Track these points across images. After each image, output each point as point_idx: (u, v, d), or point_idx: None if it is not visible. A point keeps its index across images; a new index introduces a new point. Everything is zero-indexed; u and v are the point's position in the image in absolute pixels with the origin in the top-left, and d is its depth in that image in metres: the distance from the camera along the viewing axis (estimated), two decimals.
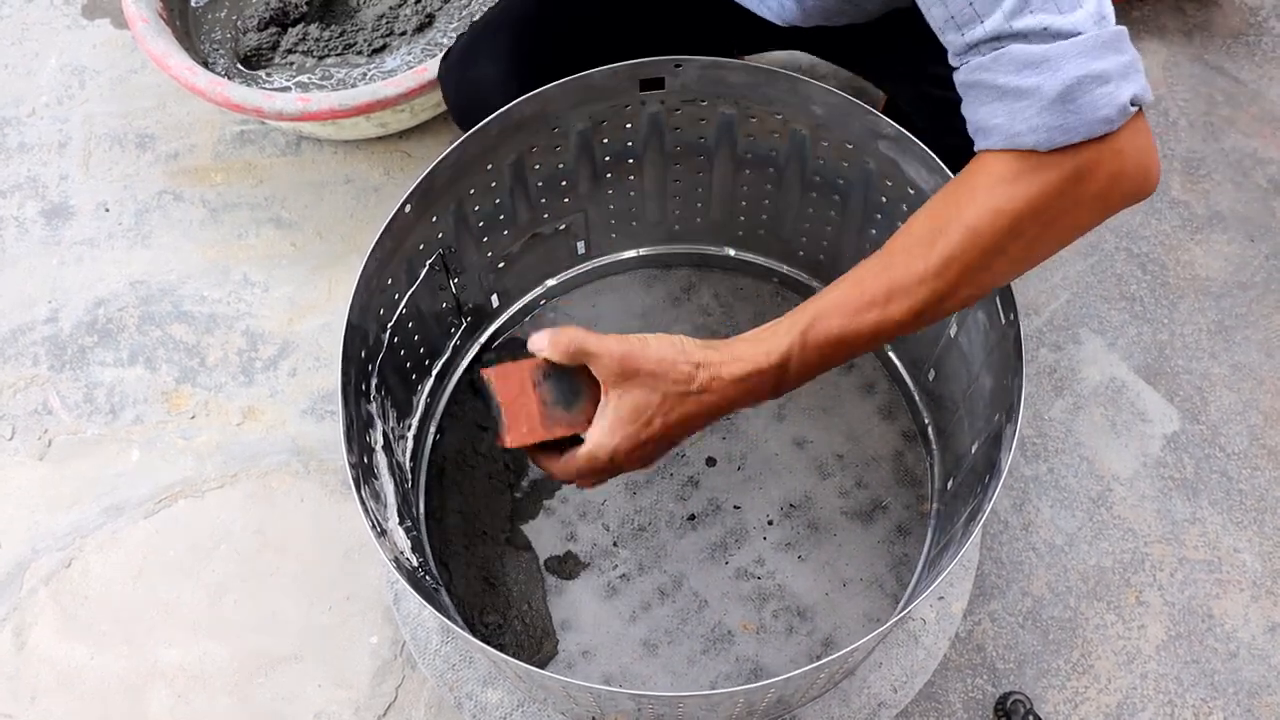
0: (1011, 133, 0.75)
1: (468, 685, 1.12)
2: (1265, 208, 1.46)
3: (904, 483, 1.24)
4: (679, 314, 1.34)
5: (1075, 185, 0.75)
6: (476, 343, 1.30)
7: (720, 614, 1.17)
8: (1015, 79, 0.74)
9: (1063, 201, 0.76)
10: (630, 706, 0.97)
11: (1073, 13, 0.74)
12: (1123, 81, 0.73)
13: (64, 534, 1.29)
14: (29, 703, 1.21)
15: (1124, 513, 1.28)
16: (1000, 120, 0.76)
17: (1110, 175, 0.75)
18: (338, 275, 1.44)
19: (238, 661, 1.22)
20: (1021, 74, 0.74)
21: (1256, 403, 1.34)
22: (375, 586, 1.24)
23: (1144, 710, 1.18)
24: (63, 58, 1.62)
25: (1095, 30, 0.74)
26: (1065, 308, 1.40)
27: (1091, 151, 0.74)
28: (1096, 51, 0.73)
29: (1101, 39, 0.74)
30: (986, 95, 0.76)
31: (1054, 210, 0.76)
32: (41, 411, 1.37)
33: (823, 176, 1.17)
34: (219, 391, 1.37)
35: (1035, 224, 0.76)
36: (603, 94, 1.11)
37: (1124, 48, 0.75)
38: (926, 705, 1.18)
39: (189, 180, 1.51)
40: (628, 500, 1.23)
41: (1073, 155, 0.74)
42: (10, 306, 1.43)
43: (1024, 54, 0.74)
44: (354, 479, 0.94)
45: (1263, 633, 1.22)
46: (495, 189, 1.14)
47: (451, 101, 1.14)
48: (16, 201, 1.51)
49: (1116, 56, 0.74)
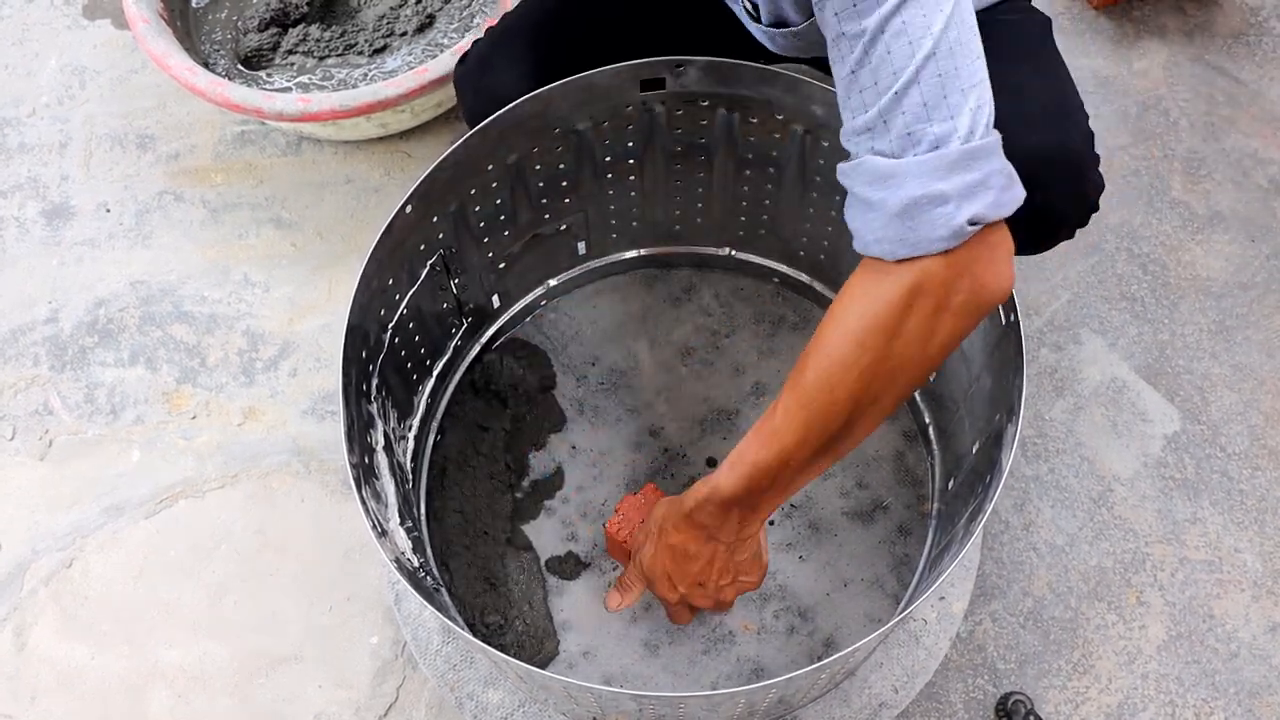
0: (866, 240, 0.78)
1: (469, 686, 1.12)
2: (1266, 208, 1.46)
3: (905, 483, 1.24)
4: (679, 314, 1.34)
5: (914, 297, 0.76)
6: (477, 343, 1.30)
7: (721, 614, 1.17)
8: (868, 190, 0.77)
9: (903, 313, 0.77)
10: (631, 707, 0.97)
11: (942, 124, 0.73)
12: (963, 202, 0.73)
13: (64, 534, 1.29)
14: (29, 703, 1.21)
15: (1125, 513, 1.28)
16: (859, 225, 0.78)
17: (946, 289, 0.76)
18: (338, 275, 1.44)
19: (238, 662, 1.22)
20: (872, 186, 0.76)
21: (1257, 403, 1.34)
22: (376, 587, 1.24)
23: (1145, 710, 1.18)
24: (63, 58, 1.62)
25: (957, 146, 0.73)
26: (1066, 308, 1.40)
27: (932, 264, 0.75)
28: (941, 172, 0.73)
29: (948, 158, 0.73)
30: (851, 199, 0.79)
31: (894, 321, 0.77)
32: (42, 412, 1.37)
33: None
34: (219, 392, 1.37)
35: (878, 335, 0.78)
36: (603, 94, 1.11)
37: (975, 166, 0.74)
38: (927, 705, 1.18)
39: (189, 180, 1.51)
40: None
41: (912, 267, 0.76)
42: (11, 307, 1.43)
43: (875, 168, 0.76)
44: (355, 479, 0.94)
45: (1263, 633, 1.22)
46: (496, 189, 1.14)
47: (468, 106, 1.14)
48: (17, 202, 1.51)
49: (963, 175, 0.73)
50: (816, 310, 1.34)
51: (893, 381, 0.80)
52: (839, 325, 0.80)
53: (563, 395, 1.29)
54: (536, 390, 1.28)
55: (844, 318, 0.79)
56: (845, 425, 0.82)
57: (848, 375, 0.79)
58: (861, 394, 0.80)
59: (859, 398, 0.81)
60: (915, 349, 0.79)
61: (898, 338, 0.78)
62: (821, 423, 0.82)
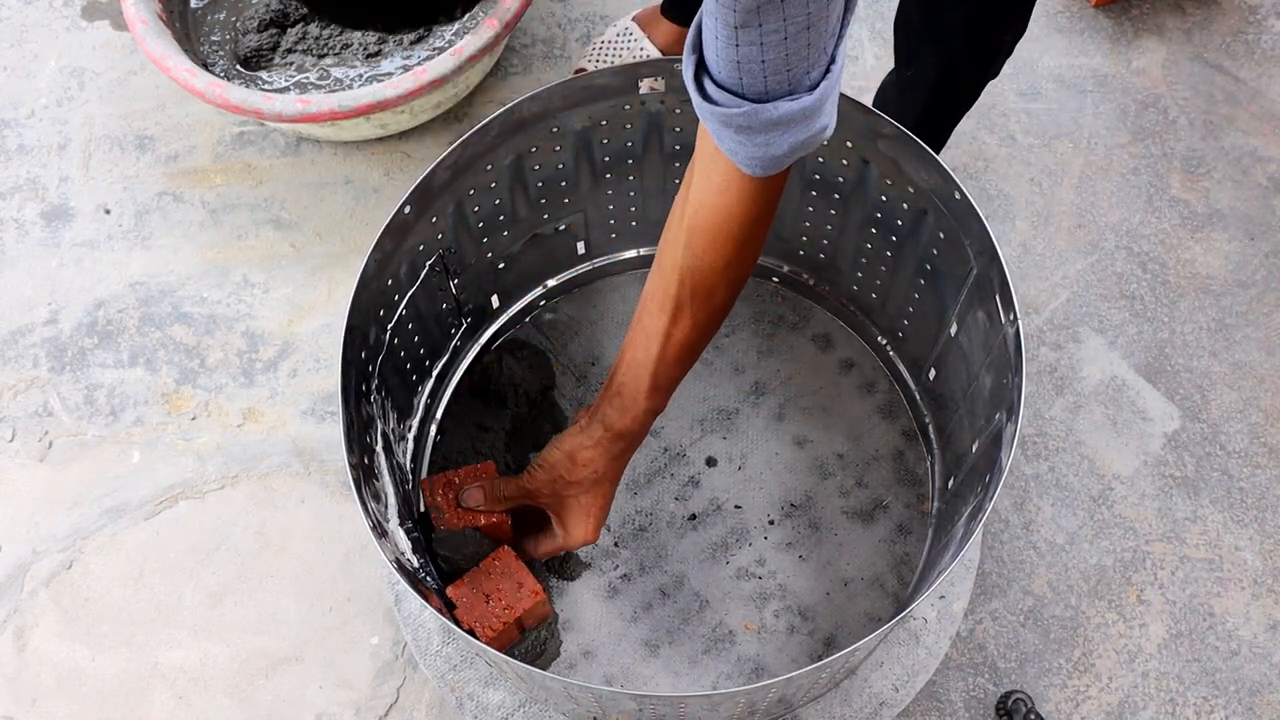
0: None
1: (469, 686, 1.12)
2: (1265, 206, 1.46)
3: (905, 482, 1.24)
4: None
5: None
6: (477, 343, 1.30)
7: (721, 614, 1.17)
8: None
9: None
10: (632, 707, 0.97)
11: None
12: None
13: (65, 536, 1.29)
14: (30, 705, 1.21)
15: (1125, 511, 1.28)
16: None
17: None
18: (338, 276, 1.44)
19: (238, 663, 1.22)
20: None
21: (1257, 401, 1.34)
22: (376, 587, 1.24)
23: (1145, 709, 1.18)
24: (62, 59, 1.62)
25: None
26: (1065, 307, 1.40)
27: None
28: None
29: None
30: None
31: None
32: (42, 413, 1.37)
33: (823, 176, 1.17)
34: (219, 393, 1.37)
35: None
36: (603, 94, 1.11)
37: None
38: (928, 704, 1.18)
39: (189, 182, 1.51)
40: (628, 500, 1.23)
41: None
42: (10, 308, 1.43)
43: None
44: (354, 480, 0.94)
45: (1264, 631, 1.22)
46: (495, 189, 1.14)
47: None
48: (16, 203, 1.51)
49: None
50: (817, 310, 1.34)
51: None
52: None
53: (563, 395, 1.29)
54: (536, 390, 1.28)
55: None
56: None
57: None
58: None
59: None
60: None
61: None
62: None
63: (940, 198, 1.06)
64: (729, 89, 0.77)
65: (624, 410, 1.00)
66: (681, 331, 0.96)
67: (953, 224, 1.06)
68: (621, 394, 1.00)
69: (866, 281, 1.25)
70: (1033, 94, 1.54)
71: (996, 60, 1.18)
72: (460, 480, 1.12)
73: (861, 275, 1.25)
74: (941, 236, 1.09)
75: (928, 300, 1.17)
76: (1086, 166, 1.49)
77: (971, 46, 1.14)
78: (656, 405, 1.01)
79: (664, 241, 0.95)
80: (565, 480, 1.05)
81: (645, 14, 1.52)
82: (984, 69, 1.19)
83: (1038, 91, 1.54)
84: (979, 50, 1.15)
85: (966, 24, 1.11)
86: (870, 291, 1.26)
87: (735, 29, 0.72)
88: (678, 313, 0.94)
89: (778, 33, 0.71)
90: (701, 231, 0.90)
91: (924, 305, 1.18)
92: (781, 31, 0.71)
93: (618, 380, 1.00)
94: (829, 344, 1.32)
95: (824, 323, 1.33)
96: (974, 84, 1.22)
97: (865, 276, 1.25)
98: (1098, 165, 1.49)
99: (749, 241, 0.91)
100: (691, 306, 0.94)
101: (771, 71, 0.74)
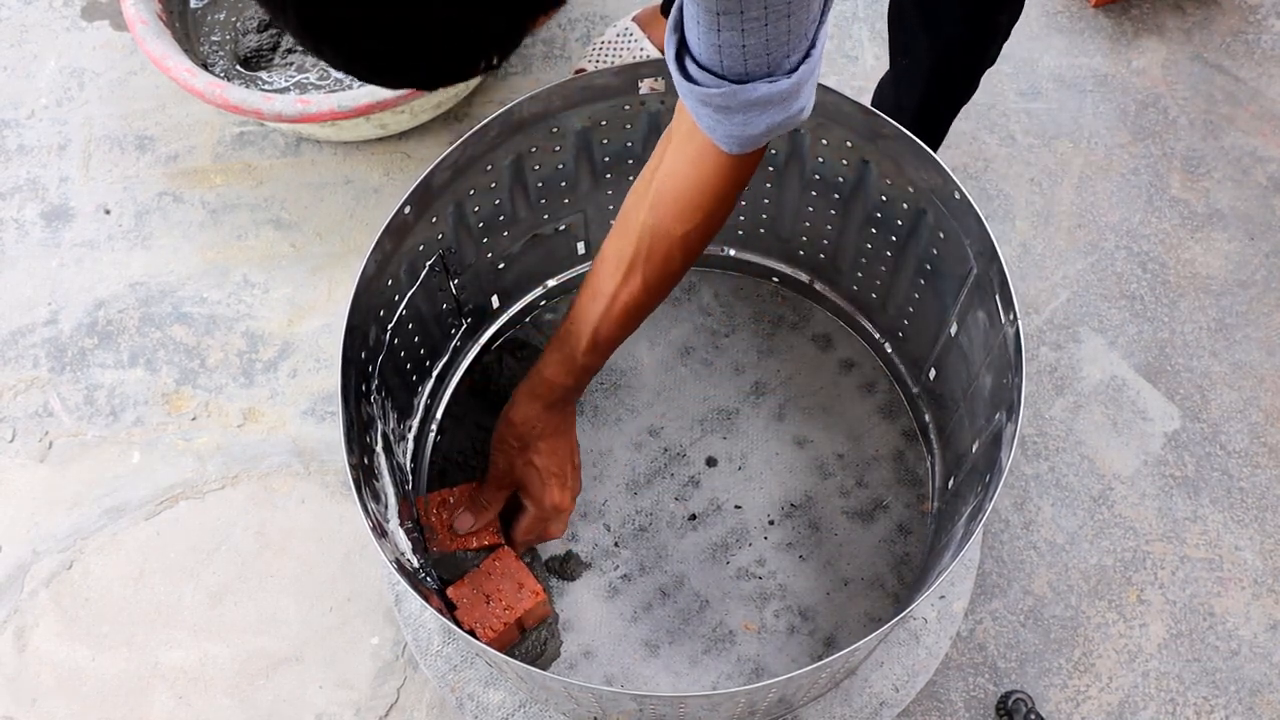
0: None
1: (469, 686, 1.12)
2: (1265, 205, 1.46)
3: (905, 482, 1.24)
4: (679, 314, 1.34)
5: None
6: (477, 344, 1.30)
7: (721, 614, 1.17)
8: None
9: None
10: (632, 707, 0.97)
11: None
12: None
13: (65, 536, 1.29)
14: (30, 705, 1.21)
15: (1125, 511, 1.28)
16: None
17: None
18: (337, 276, 1.44)
19: (239, 663, 1.22)
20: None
21: (1257, 401, 1.34)
22: (376, 587, 1.24)
23: (1145, 709, 1.18)
24: (62, 60, 1.62)
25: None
26: (1065, 306, 1.40)
27: None
28: None
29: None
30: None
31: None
32: (42, 414, 1.37)
33: (823, 176, 1.17)
34: (219, 393, 1.37)
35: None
36: (602, 94, 1.11)
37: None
38: (928, 704, 1.18)
39: (189, 182, 1.51)
40: (628, 500, 1.23)
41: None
42: (10, 309, 1.43)
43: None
44: (354, 480, 0.94)
45: (1264, 630, 1.22)
46: (495, 190, 1.14)
47: None
48: (16, 203, 1.51)
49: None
50: (817, 310, 1.34)
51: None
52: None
53: None
54: None
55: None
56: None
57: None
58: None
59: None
60: None
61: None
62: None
63: (940, 197, 1.06)
64: (709, 70, 0.78)
65: (560, 363, 1.04)
66: (629, 292, 0.98)
67: (953, 224, 1.06)
68: (561, 348, 1.04)
69: (866, 281, 1.25)
70: (1033, 94, 1.54)
71: (992, 45, 1.18)
72: (455, 500, 1.14)
73: (861, 275, 1.25)
74: (941, 236, 1.09)
75: (928, 300, 1.17)
76: (1086, 166, 1.49)
77: (968, 30, 1.14)
78: (592, 363, 1.04)
79: (627, 205, 0.97)
80: (515, 449, 1.09)
81: (645, 14, 1.52)
82: (980, 55, 1.19)
83: (1038, 91, 1.54)
84: (975, 34, 1.15)
85: (962, 6, 1.11)
86: (870, 291, 1.26)
87: (717, 15, 0.73)
88: (630, 273, 0.97)
89: (759, 19, 0.73)
90: (669, 197, 0.93)
91: (924, 305, 1.18)
92: (763, 19, 0.73)
93: (561, 334, 1.04)
94: (829, 344, 1.32)
95: (824, 323, 1.33)
96: (970, 72, 1.21)
97: (865, 276, 1.25)
98: (1098, 165, 1.49)
99: (714, 213, 0.93)
100: (645, 268, 0.97)
101: (752, 55, 0.76)
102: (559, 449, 1.10)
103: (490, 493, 1.12)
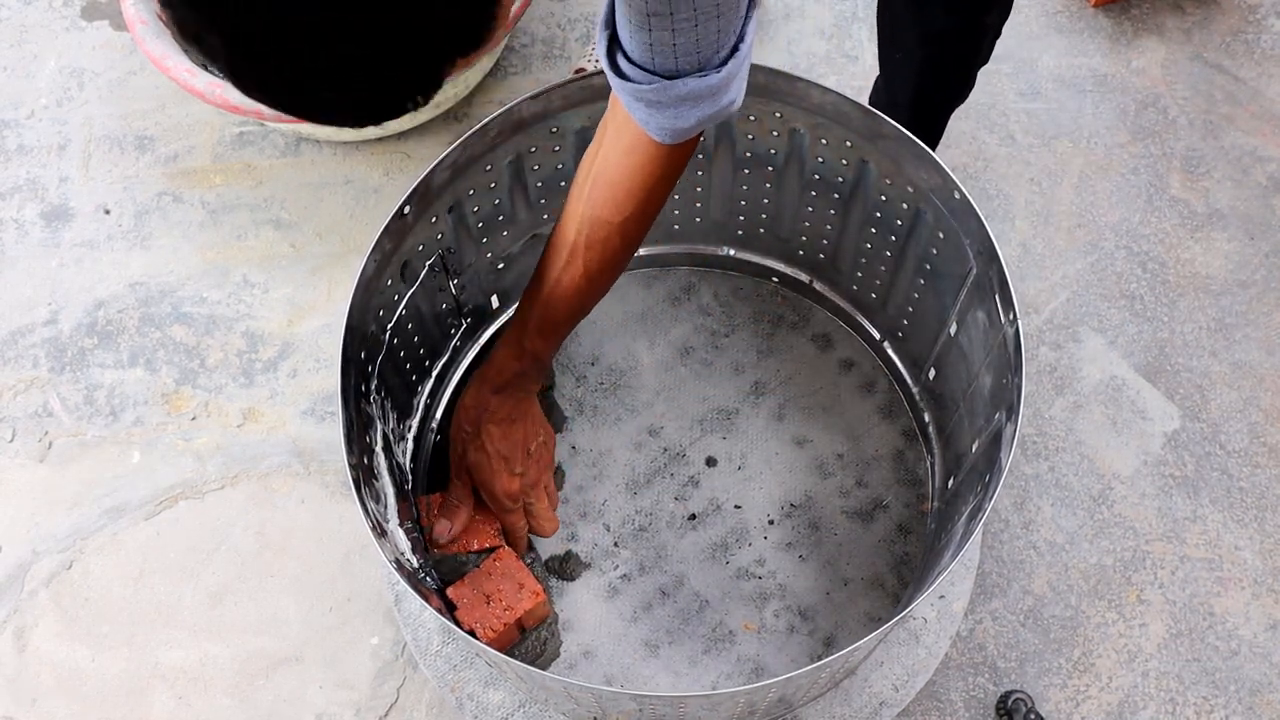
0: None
1: (469, 686, 1.12)
2: (1265, 205, 1.46)
3: (904, 482, 1.24)
4: (679, 314, 1.34)
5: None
6: (477, 344, 1.30)
7: (721, 614, 1.17)
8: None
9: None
10: (632, 707, 0.97)
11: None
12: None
13: (65, 536, 1.29)
14: (30, 705, 1.21)
15: (1125, 511, 1.28)
16: None
17: None
18: (337, 276, 1.44)
19: (239, 663, 1.22)
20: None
21: (1257, 400, 1.34)
22: (376, 587, 1.24)
23: (1145, 708, 1.18)
24: (62, 60, 1.62)
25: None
26: (1065, 306, 1.40)
27: None
28: None
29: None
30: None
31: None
32: (42, 414, 1.37)
33: (822, 176, 1.17)
34: (219, 393, 1.37)
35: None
36: (602, 94, 1.11)
37: None
38: (928, 704, 1.18)
39: (188, 182, 1.51)
40: (628, 500, 1.23)
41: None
42: (10, 309, 1.43)
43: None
44: (354, 480, 0.94)
45: (1264, 630, 1.22)
46: (494, 189, 1.14)
47: None
48: (16, 204, 1.51)
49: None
50: (817, 310, 1.34)
51: None
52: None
53: (562, 395, 1.29)
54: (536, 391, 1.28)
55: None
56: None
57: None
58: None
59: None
60: None
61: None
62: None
63: (940, 197, 1.06)
64: (641, 66, 0.80)
65: (507, 346, 1.06)
66: (571, 278, 1.00)
67: (952, 224, 1.06)
68: (510, 333, 1.06)
69: (866, 281, 1.25)
70: (1032, 94, 1.54)
71: (983, 42, 1.18)
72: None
73: (861, 275, 1.25)
74: (941, 236, 1.09)
75: (927, 300, 1.17)
76: (1086, 166, 1.49)
77: (957, 21, 1.14)
78: (539, 348, 1.06)
79: (571, 191, 0.99)
80: (468, 434, 1.10)
81: None
82: (971, 52, 1.19)
83: (1037, 91, 1.54)
84: (964, 25, 1.15)
85: (946, 5, 1.11)
86: (870, 291, 1.26)
87: (648, 15, 0.75)
88: (571, 259, 0.99)
89: (689, 20, 0.75)
90: (604, 185, 0.95)
91: (924, 305, 1.18)
92: (693, 20, 0.75)
93: (512, 319, 1.07)
94: (829, 344, 1.32)
95: (824, 323, 1.33)
96: (963, 67, 1.22)
97: (865, 276, 1.25)
98: (1097, 165, 1.49)
99: (649, 201, 0.95)
100: (585, 255, 0.98)
101: (683, 53, 0.78)
102: (510, 434, 1.10)
103: (456, 490, 1.12)
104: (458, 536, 1.11)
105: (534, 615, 1.10)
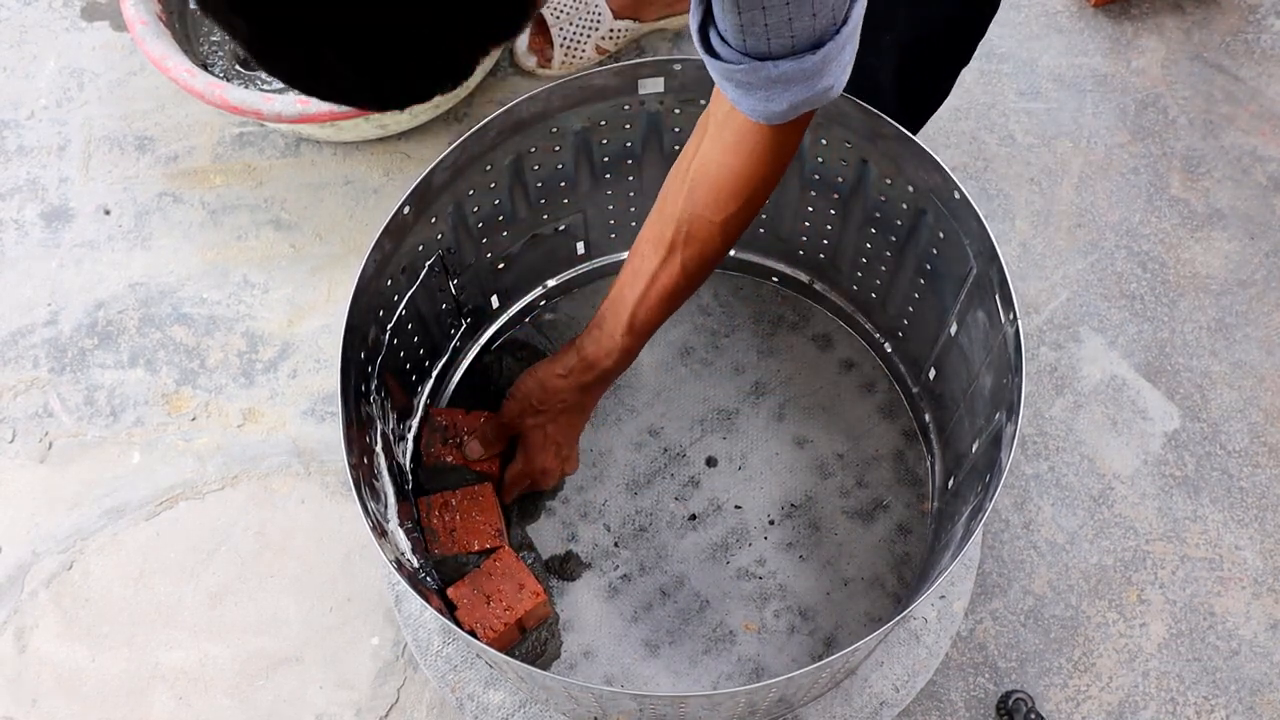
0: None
1: (470, 686, 1.12)
2: (1265, 205, 1.46)
3: (905, 482, 1.24)
4: (678, 314, 1.34)
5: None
6: (476, 344, 1.30)
7: (722, 614, 1.17)
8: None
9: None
10: (632, 707, 0.97)
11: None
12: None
13: (65, 536, 1.29)
14: (30, 705, 1.21)
15: (1125, 511, 1.28)
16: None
17: None
18: (337, 276, 1.44)
19: (239, 663, 1.22)
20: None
21: (1257, 400, 1.34)
22: (376, 588, 1.24)
23: (1146, 708, 1.18)
24: (61, 60, 1.62)
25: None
26: (1065, 306, 1.40)
27: None
28: None
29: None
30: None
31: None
32: (42, 414, 1.37)
33: (822, 176, 1.17)
34: (219, 393, 1.37)
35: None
36: (602, 94, 1.11)
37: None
38: (928, 704, 1.18)
39: (188, 182, 1.51)
40: (629, 500, 1.23)
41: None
42: (10, 309, 1.43)
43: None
44: (354, 480, 0.94)
45: (1264, 630, 1.22)
46: (494, 190, 1.14)
47: None
48: (16, 204, 1.51)
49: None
50: (817, 310, 1.34)
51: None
52: None
53: None
54: None
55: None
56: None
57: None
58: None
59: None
60: None
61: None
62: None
63: (940, 197, 1.06)
64: (733, 46, 0.78)
65: (599, 342, 1.06)
66: (668, 275, 1.00)
67: (952, 224, 1.06)
68: (601, 327, 1.06)
69: (866, 281, 1.25)
70: (1032, 94, 1.54)
71: (959, 42, 1.18)
72: (458, 501, 1.14)
73: (861, 275, 1.25)
74: (941, 236, 1.09)
75: (927, 300, 1.17)
76: (1086, 166, 1.49)
77: (927, 32, 1.14)
78: (631, 345, 1.06)
79: (665, 189, 0.99)
80: (534, 409, 1.13)
81: None
82: (948, 51, 1.19)
83: (1037, 91, 1.54)
84: (938, 31, 1.15)
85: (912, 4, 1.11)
86: (870, 291, 1.26)
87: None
88: (669, 256, 0.99)
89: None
90: (706, 185, 0.94)
91: (924, 305, 1.18)
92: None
93: (600, 314, 1.06)
94: (829, 344, 1.32)
95: (824, 323, 1.33)
96: (943, 66, 1.21)
97: (865, 276, 1.25)
98: (1097, 165, 1.49)
99: (751, 200, 0.94)
100: (683, 252, 0.98)
101: (775, 34, 0.76)
102: (573, 425, 1.14)
103: (494, 430, 1.16)
104: (484, 460, 1.17)
105: (534, 615, 1.10)
